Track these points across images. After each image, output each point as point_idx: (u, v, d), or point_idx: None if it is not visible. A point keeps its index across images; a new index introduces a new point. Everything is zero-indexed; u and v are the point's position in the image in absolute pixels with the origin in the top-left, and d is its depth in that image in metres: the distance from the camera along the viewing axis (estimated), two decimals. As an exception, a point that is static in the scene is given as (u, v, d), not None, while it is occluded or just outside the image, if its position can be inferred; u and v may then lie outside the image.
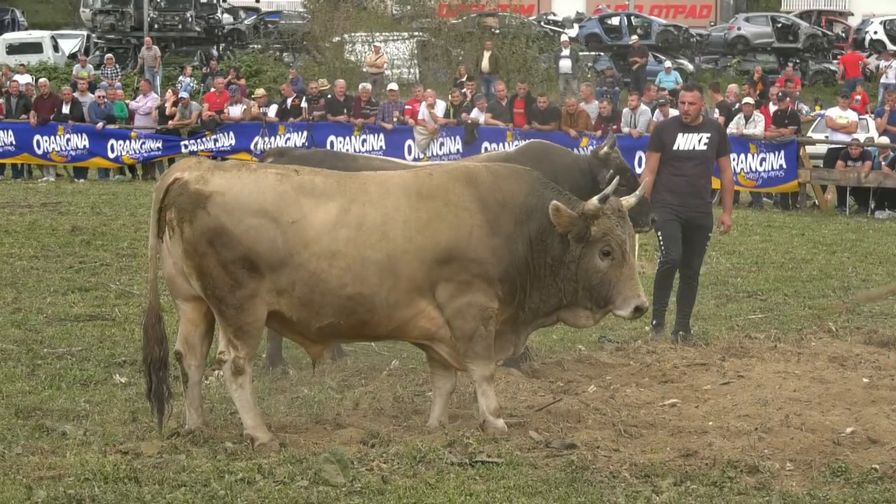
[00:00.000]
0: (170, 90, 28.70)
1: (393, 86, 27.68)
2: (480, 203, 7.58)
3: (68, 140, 26.23)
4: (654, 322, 10.72)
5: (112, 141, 26.31)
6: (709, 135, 10.67)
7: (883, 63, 36.85)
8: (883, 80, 35.78)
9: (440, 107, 25.41)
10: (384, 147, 25.12)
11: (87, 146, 26.23)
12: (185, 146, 26.28)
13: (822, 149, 24.38)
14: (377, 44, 38.75)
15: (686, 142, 10.57)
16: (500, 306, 7.63)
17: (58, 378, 9.06)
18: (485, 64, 34.78)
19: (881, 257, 16.54)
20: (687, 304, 10.80)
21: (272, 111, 26.50)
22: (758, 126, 22.65)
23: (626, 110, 23.63)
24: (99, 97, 27.30)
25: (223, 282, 7.24)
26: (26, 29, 48.91)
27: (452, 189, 7.59)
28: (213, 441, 7.41)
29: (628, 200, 7.87)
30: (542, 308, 7.76)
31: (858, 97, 27.83)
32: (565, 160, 9.86)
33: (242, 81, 32.21)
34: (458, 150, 24.63)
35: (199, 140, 26.37)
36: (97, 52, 43.44)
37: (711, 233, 10.94)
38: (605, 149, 9.92)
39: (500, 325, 7.71)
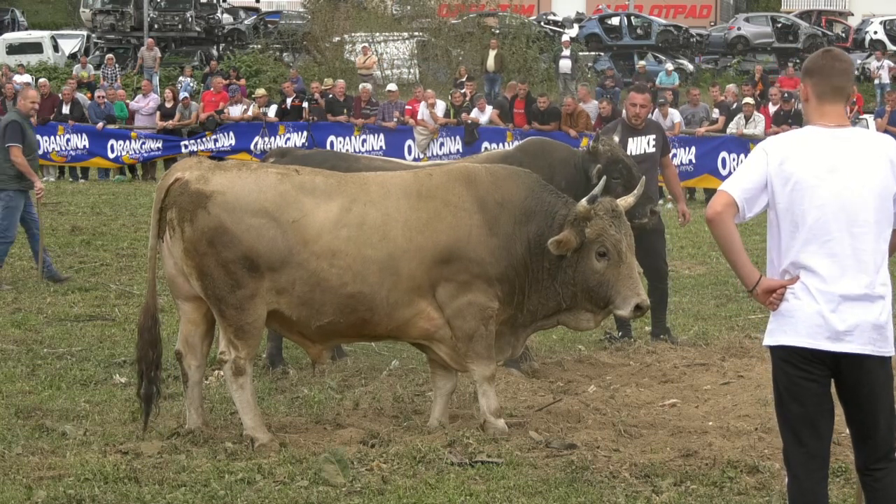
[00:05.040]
0: (168, 89, 28.68)
1: (392, 86, 27.72)
2: (479, 203, 7.59)
3: (68, 140, 26.24)
4: (619, 333, 10.65)
5: (112, 141, 26.33)
6: (654, 136, 10.64)
7: (875, 63, 36.98)
8: (877, 80, 35.92)
9: (440, 107, 25.43)
10: (384, 147, 25.15)
11: (87, 146, 26.25)
12: (185, 146, 26.29)
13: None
14: (365, 45, 38.80)
15: (636, 146, 10.50)
16: (499, 307, 7.63)
17: (58, 378, 9.06)
18: (490, 63, 34.84)
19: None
20: (660, 310, 10.67)
21: (272, 111, 26.52)
22: (758, 126, 22.67)
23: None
24: (99, 97, 27.30)
25: (223, 282, 7.24)
26: (26, 29, 48.97)
27: (452, 189, 7.60)
28: (213, 441, 7.41)
29: (626, 200, 7.87)
30: (541, 311, 7.76)
31: (854, 98, 27.87)
32: (562, 155, 9.84)
33: (242, 81, 32.25)
34: (458, 150, 24.66)
35: (199, 140, 26.39)
36: (97, 52, 43.48)
37: (666, 233, 10.89)
38: (592, 143, 9.85)
39: (499, 327, 7.71)
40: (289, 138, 25.77)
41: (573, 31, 44.69)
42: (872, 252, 5.06)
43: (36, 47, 43.19)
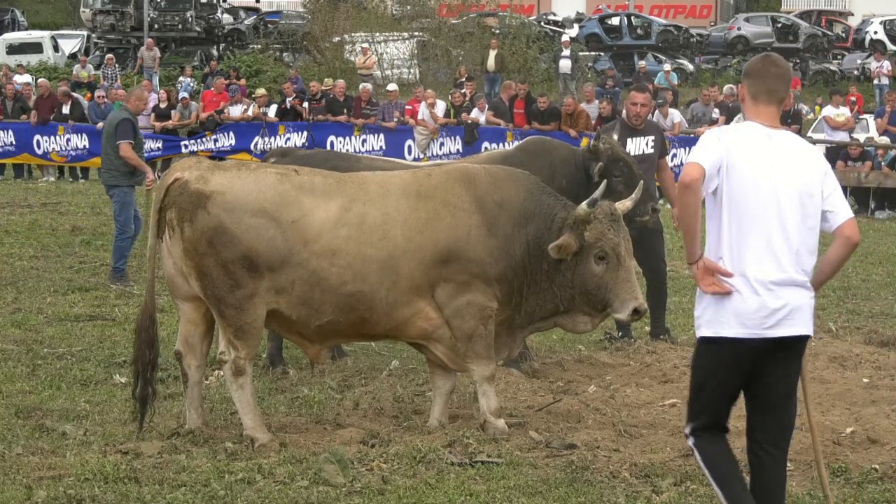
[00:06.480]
0: (163, 90, 28.68)
1: (393, 86, 27.72)
2: (478, 204, 7.59)
3: (68, 140, 26.24)
4: (619, 334, 10.65)
5: (112, 141, 26.27)
6: (653, 137, 10.63)
7: (874, 63, 37.09)
8: (876, 80, 35.98)
9: (440, 107, 25.43)
10: (384, 147, 25.16)
11: (87, 146, 26.23)
12: (185, 146, 26.28)
13: (822, 149, 24.44)
14: (365, 45, 38.81)
15: (635, 146, 10.48)
16: (497, 307, 7.63)
17: (58, 378, 9.06)
18: (490, 63, 34.84)
19: (881, 257, 16.56)
20: (660, 310, 10.67)
21: (272, 111, 26.51)
22: (758, 126, 22.66)
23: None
24: (99, 97, 27.29)
25: (223, 282, 7.23)
26: (26, 29, 48.96)
27: (451, 189, 7.60)
28: (213, 441, 7.40)
29: (624, 204, 7.88)
30: (538, 313, 7.77)
31: (854, 98, 27.97)
32: (562, 154, 9.84)
33: (242, 81, 32.25)
34: (458, 150, 24.66)
35: (199, 140, 26.38)
36: (97, 52, 43.48)
37: (665, 233, 10.91)
38: (593, 142, 9.83)
39: (496, 328, 7.71)
40: (289, 138, 25.76)
41: (573, 31, 44.70)
42: (801, 243, 5.40)
43: (36, 47, 43.19)
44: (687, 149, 23.12)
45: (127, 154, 13.41)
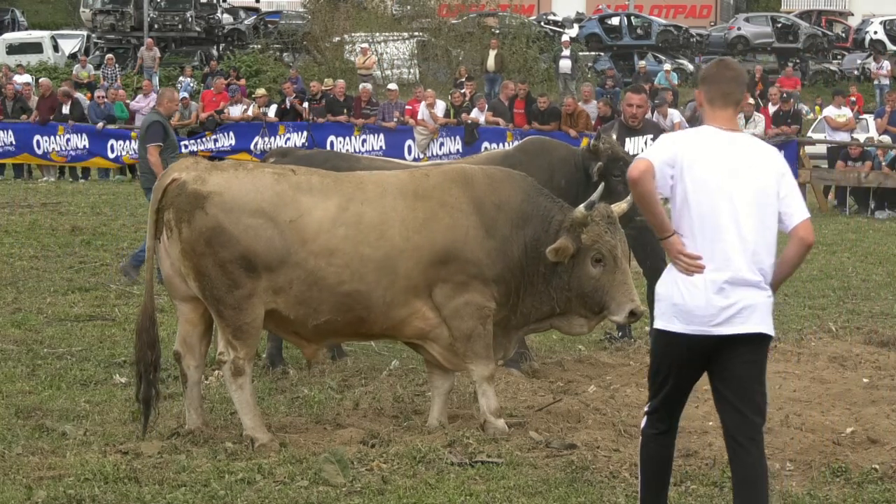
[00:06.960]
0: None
1: (393, 86, 27.71)
2: (476, 205, 7.58)
3: (68, 140, 26.25)
4: (619, 334, 10.66)
5: (112, 141, 26.32)
6: (652, 136, 10.59)
7: (874, 64, 37.18)
8: (876, 81, 36.04)
9: (440, 107, 25.43)
10: (384, 147, 25.15)
11: (87, 146, 26.25)
12: (185, 146, 26.27)
13: (823, 149, 24.51)
14: (364, 45, 38.84)
15: (634, 146, 10.48)
16: (495, 307, 7.63)
17: (58, 378, 9.05)
18: (490, 63, 34.86)
19: (881, 257, 16.55)
20: None
21: (272, 111, 26.51)
22: (758, 126, 22.68)
23: (626, 111, 23.60)
24: (99, 97, 27.30)
25: (221, 282, 7.23)
26: (26, 29, 48.99)
27: (448, 190, 7.59)
28: (213, 441, 7.40)
29: (620, 206, 7.87)
30: (534, 314, 7.77)
31: (854, 98, 28.01)
32: (561, 154, 9.83)
33: (242, 81, 32.25)
34: (458, 150, 24.66)
35: (198, 140, 26.38)
36: (97, 52, 43.50)
37: None
38: (593, 141, 9.82)
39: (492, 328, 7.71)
40: (289, 138, 25.76)
41: (573, 31, 44.73)
42: (757, 243, 5.51)
43: (36, 47, 43.21)
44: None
45: (152, 158, 13.36)
